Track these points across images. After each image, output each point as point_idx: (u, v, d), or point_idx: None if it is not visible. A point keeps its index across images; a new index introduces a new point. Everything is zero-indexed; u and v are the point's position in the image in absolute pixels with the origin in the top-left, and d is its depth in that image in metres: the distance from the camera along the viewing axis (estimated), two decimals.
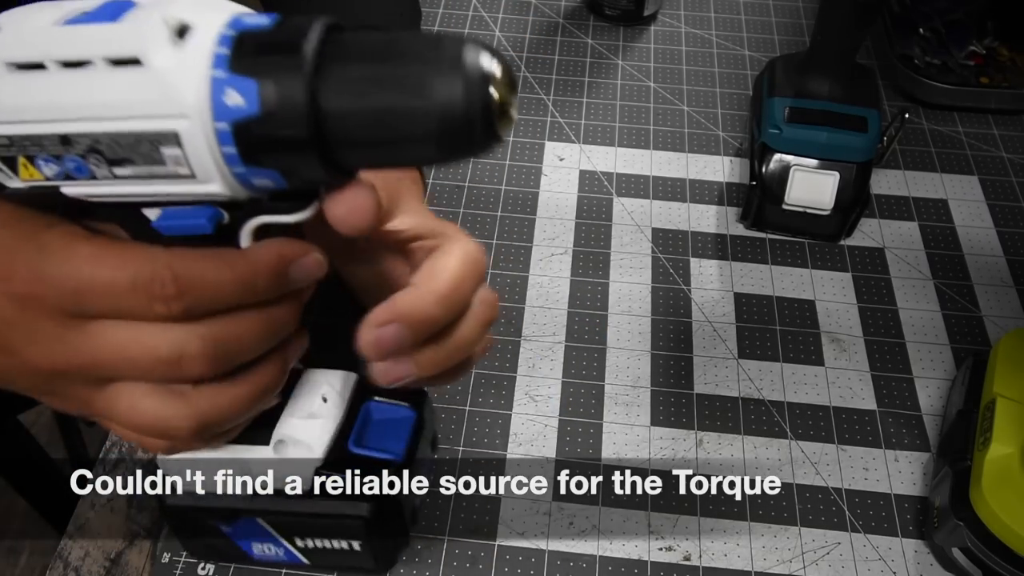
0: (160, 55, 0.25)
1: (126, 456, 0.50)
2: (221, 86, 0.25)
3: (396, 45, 0.26)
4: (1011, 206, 0.63)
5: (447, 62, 0.25)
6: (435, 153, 0.26)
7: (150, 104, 0.25)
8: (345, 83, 0.25)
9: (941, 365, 0.54)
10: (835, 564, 0.46)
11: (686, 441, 0.50)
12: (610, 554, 0.46)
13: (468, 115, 0.25)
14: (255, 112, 0.25)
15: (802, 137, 0.57)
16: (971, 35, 0.71)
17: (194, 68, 0.25)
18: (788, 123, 0.57)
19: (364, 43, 0.26)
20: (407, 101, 0.25)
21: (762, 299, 0.57)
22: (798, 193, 0.57)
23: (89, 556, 0.46)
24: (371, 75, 0.25)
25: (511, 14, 0.78)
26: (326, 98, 0.25)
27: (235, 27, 0.26)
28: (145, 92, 0.25)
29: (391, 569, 0.45)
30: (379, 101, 0.25)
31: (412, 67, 0.25)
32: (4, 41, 0.26)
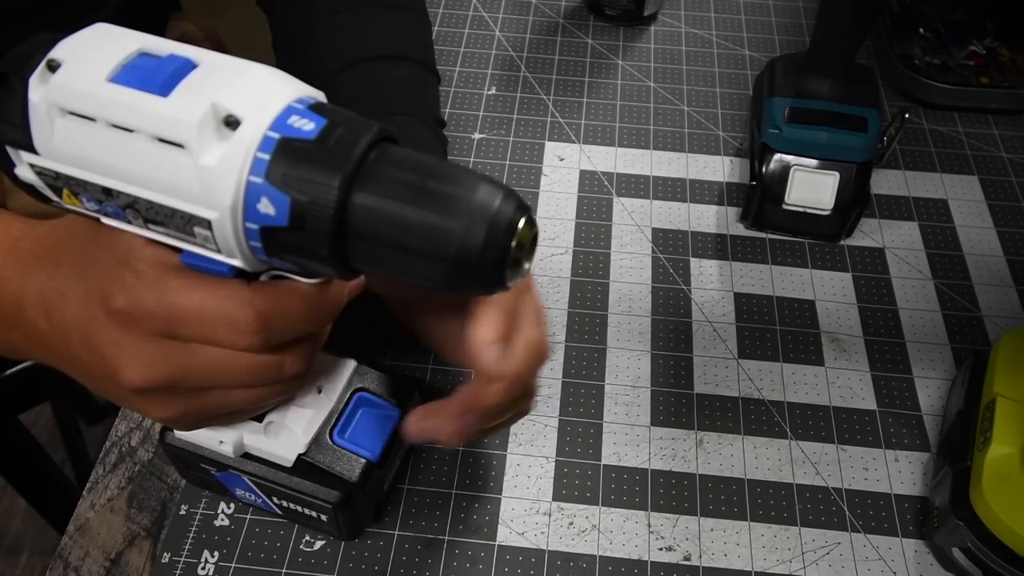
0: (205, 151, 0.26)
1: (126, 456, 0.50)
2: (257, 193, 0.26)
3: (439, 169, 0.27)
4: (1011, 206, 0.63)
5: (479, 204, 0.26)
6: (442, 278, 0.27)
7: (188, 192, 0.27)
8: (380, 185, 0.26)
9: (941, 365, 0.54)
10: (835, 564, 0.46)
11: (686, 441, 0.50)
12: (610, 554, 0.46)
13: (482, 259, 0.26)
14: (284, 223, 0.26)
15: (802, 137, 0.57)
16: (971, 35, 0.71)
17: (234, 170, 0.26)
18: (788, 123, 0.57)
19: (408, 158, 0.27)
20: (433, 220, 0.26)
21: (762, 299, 0.57)
22: (798, 193, 0.57)
23: (89, 556, 0.46)
24: (407, 185, 0.26)
25: (511, 14, 0.78)
26: (357, 196, 0.26)
27: (280, 130, 0.26)
28: (185, 181, 0.27)
29: (359, 537, 0.46)
30: (407, 213, 0.26)
31: (447, 192, 0.26)
32: (61, 85, 0.27)
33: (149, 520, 0.47)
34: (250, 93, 0.27)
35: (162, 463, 0.49)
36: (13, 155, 0.29)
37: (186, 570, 0.45)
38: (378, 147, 0.27)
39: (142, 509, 0.48)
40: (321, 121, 0.27)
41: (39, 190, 0.30)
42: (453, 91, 0.71)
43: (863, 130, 0.56)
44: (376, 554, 0.46)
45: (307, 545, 0.46)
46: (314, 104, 0.28)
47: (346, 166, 0.26)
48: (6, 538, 1.24)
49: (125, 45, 0.28)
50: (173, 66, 0.27)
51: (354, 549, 0.46)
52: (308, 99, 0.28)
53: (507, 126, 0.68)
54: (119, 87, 0.27)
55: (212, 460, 0.42)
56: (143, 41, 0.28)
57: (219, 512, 0.47)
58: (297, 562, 0.45)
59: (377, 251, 0.27)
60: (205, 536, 0.46)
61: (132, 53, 0.28)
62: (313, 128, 0.26)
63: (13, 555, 1.23)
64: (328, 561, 0.45)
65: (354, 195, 0.26)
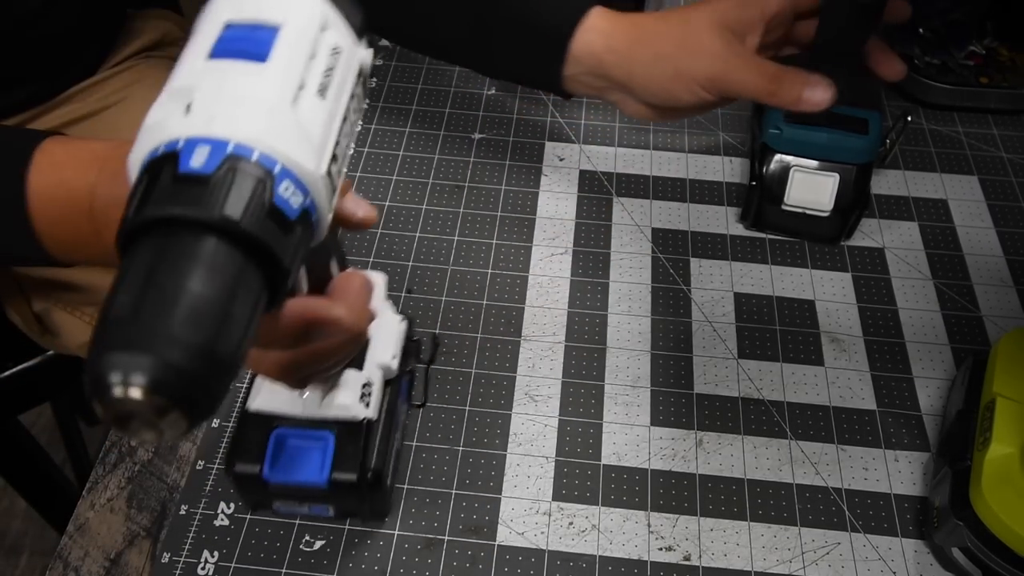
0: (156, 109, 0.28)
1: (126, 456, 0.50)
2: (139, 168, 0.27)
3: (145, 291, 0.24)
4: (1011, 206, 0.63)
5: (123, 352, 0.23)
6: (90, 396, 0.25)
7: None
8: (130, 258, 0.25)
9: (941, 365, 0.54)
10: (835, 564, 0.46)
11: (686, 441, 0.50)
12: (610, 554, 0.46)
13: (102, 393, 0.23)
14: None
15: (802, 138, 0.57)
16: (971, 35, 0.71)
17: (147, 143, 0.27)
18: (788, 124, 0.57)
19: (153, 257, 0.24)
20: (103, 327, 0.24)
21: (762, 299, 0.57)
22: (798, 194, 0.57)
23: (89, 556, 0.46)
24: (130, 278, 0.24)
25: None
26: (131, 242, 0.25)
27: (187, 146, 0.26)
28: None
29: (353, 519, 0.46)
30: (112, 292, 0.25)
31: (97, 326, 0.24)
32: (213, 4, 0.28)
33: (149, 520, 0.47)
34: (225, 106, 0.27)
35: (162, 463, 0.49)
36: None
37: (186, 570, 0.45)
38: (193, 230, 0.25)
39: (142, 509, 0.48)
40: (209, 169, 0.25)
41: None
42: (453, 91, 0.71)
43: (864, 132, 0.56)
44: (376, 554, 0.46)
45: (307, 545, 0.46)
46: (241, 159, 0.26)
47: (143, 212, 0.25)
48: (6, 538, 1.24)
49: (272, 13, 0.28)
50: (251, 48, 0.27)
51: (354, 549, 0.46)
52: (254, 152, 0.26)
53: (507, 126, 0.68)
54: (215, 30, 0.28)
55: (269, 417, 0.44)
56: (290, 19, 0.28)
57: (219, 512, 0.47)
58: (297, 562, 0.45)
59: None
60: (205, 536, 0.46)
61: (264, 20, 0.28)
62: (197, 166, 0.25)
63: (13, 555, 1.23)
64: (328, 561, 0.45)
65: (135, 238, 0.25)
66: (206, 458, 0.49)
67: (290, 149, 0.26)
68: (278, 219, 0.26)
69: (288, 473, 0.43)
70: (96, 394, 0.23)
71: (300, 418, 0.43)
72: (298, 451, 0.43)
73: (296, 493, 0.44)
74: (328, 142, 0.29)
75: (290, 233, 0.26)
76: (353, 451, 0.43)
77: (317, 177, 0.27)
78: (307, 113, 0.28)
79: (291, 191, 0.26)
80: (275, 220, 0.26)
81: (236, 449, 0.43)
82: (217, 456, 0.49)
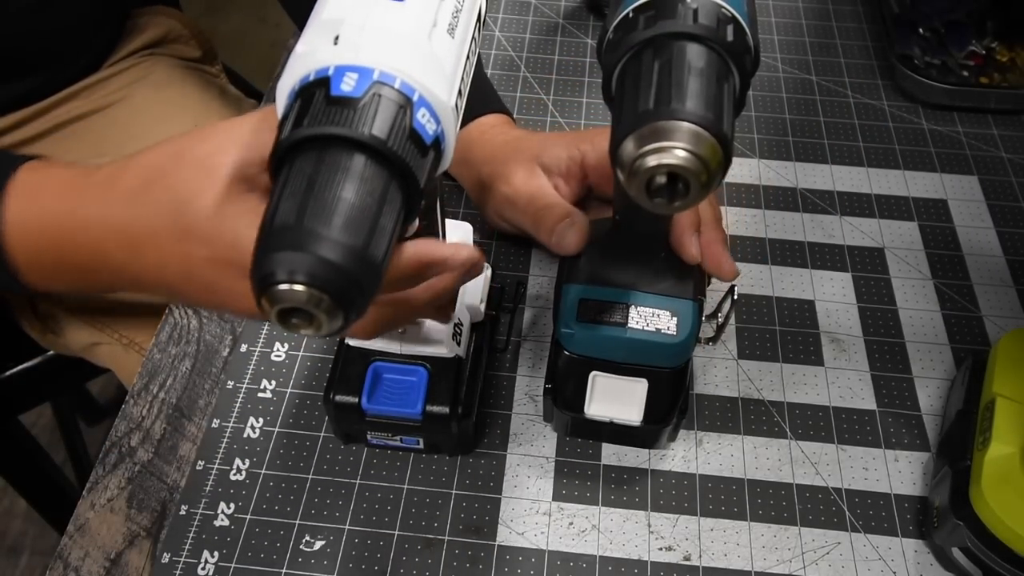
0: (304, 40, 0.30)
1: (126, 456, 0.50)
2: (289, 94, 0.30)
3: (311, 194, 0.27)
4: (1011, 206, 0.63)
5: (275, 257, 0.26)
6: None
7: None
8: (291, 171, 0.28)
9: (941, 365, 0.54)
10: (835, 564, 0.46)
11: (686, 441, 0.50)
12: (610, 554, 0.46)
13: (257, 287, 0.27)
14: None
15: (600, 337, 0.44)
16: (971, 35, 0.71)
17: (299, 70, 0.30)
18: (580, 321, 0.44)
19: (310, 168, 0.27)
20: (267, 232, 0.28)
21: (762, 299, 0.57)
22: (600, 404, 0.47)
23: (89, 556, 0.46)
24: (292, 188, 0.27)
25: (511, 14, 0.78)
26: (288, 160, 0.28)
27: (336, 72, 0.29)
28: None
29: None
30: (278, 203, 0.28)
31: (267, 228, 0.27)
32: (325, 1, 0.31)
33: (149, 520, 0.47)
34: (371, 36, 0.29)
35: (162, 463, 0.49)
36: None
37: (186, 570, 0.45)
38: (343, 146, 0.28)
39: (142, 509, 0.48)
40: (357, 93, 0.28)
41: None
42: None
43: (672, 332, 0.44)
44: (376, 554, 0.46)
45: (307, 545, 0.46)
46: (385, 85, 0.29)
47: (296, 132, 0.27)
48: (6, 538, 1.24)
49: None
50: None
51: (354, 549, 0.46)
52: (395, 78, 0.29)
53: None
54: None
55: (366, 352, 0.46)
56: None
57: (219, 512, 0.47)
58: (297, 562, 0.45)
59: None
60: (205, 536, 0.46)
61: None
62: (347, 90, 0.28)
63: (13, 555, 1.23)
64: (328, 561, 0.45)
65: (292, 154, 0.28)
66: (206, 458, 0.49)
67: (427, 79, 0.29)
68: (416, 141, 0.29)
69: (385, 404, 0.46)
70: (263, 290, 0.26)
71: (396, 354, 0.46)
72: (394, 384, 0.46)
73: (391, 424, 0.46)
74: (456, 77, 0.31)
75: (425, 156, 0.29)
76: (445, 386, 0.46)
77: (448, 107, 0.30)
78: (439, 49, 0.30)
79: (427, 118, 0.29)
80: (414, 142, 0.28)
81: (336, 381, 0.46)
82: (217, 456, 0.49)
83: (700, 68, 0.29)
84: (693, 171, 0.28)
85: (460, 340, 0.47)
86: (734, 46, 0.30)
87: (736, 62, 0.31)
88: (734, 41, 0.30)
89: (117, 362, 0.74)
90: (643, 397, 0.46)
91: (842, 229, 0.61)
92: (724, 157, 0.29)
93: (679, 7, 0.30)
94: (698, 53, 0.30)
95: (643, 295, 0.44)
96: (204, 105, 0.80)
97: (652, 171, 0.29)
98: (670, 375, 0.45)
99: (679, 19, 0.30)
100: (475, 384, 0.48)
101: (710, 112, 0.28)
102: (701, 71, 0.29)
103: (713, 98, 0.29)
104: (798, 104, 0.70)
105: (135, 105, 0.78)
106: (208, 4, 2.02)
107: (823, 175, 0.65)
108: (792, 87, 0.72)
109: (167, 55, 0.83)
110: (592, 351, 0.45)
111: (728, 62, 0.30)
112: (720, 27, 0.30)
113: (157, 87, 0.79)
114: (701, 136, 0.28)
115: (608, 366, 0.45)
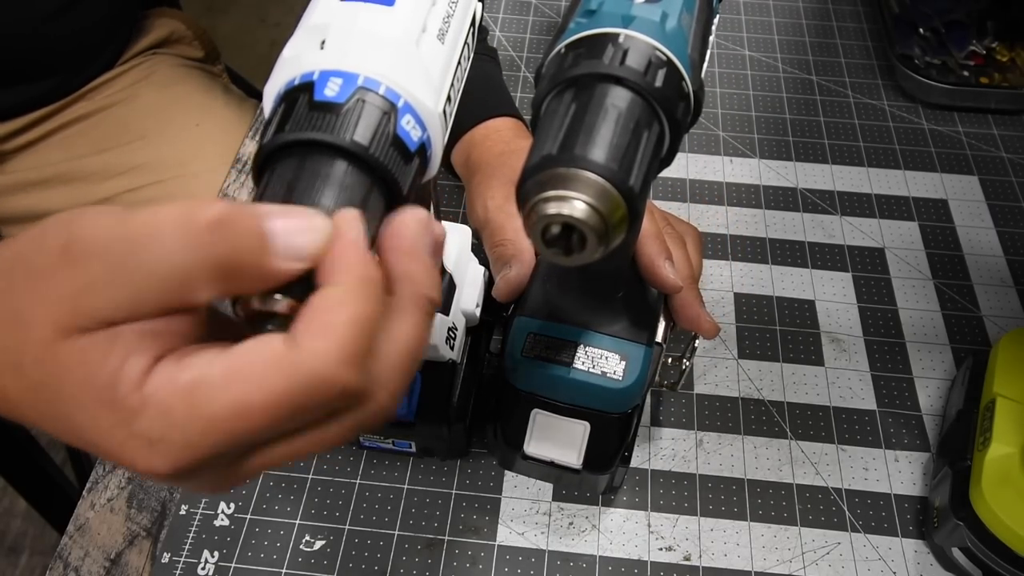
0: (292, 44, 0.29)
1: None
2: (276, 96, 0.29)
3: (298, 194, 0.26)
4: (1011, 206, 0.63)
5: None
6: None
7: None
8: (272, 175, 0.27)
9: (941, 365, 0.54)
10: (835, 564, 0.46)
11: (686, 441, 0.50)
12: (610, 554, 0.46)
13: None
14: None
15: (544, 375, 0.42)
16: (971, 35, 0.71)
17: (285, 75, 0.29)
18: (526, 356, 0.43)
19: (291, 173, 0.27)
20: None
21: (762, 299, 0.57)
22: (540, 443, 0.45)
23: (89, 556, 0.46)
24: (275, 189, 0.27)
25: (511, 14, 0.78)
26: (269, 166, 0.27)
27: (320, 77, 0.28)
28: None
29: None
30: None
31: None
32: (314, 6, 0.30)
33: (149, 520, 0.47)
34: (356, 42, 0.28)
35: None
36: None
37: (186, 570, 0.45)
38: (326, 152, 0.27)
39: (142, 509, 0.48)
40: (341, 99, 0.27)
41: None
42: None
43: (618, 377, 0.42)
44: (376, 554, 0.46)
45: (307, 545, 0.46)
46: (369, 91, 0.28)
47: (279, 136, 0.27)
48: (6, 538, 1.24)
49: None
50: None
51: (354, 549, 0.46)
52: (380, 84, 0.28)
53: None
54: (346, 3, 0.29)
55: None
56: None
57: (219, 512, 0.47)
58: (297, 562, 0.45)
59: None
60: (205, 536, 0.46)
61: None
62: (331, 96, 0.27)
63: (13, 555, 1.23)
64: (328, 561, 0.45)
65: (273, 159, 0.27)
66: None
67: (412, 86, 0.28)
68: (400, 148, 0.28)
69: None
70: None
71: None
72: None
73: (383, 426, 0.45)
74: (445, 84, 0.31)
75: (409, 163, 0.28)
76: (438, 390, 0.45)
77: (435, 114, 0.29)
78: (428, 54, 0.30)
79: (411, 124, 0.28)
80: (397, 149, 0.28)
81: None
82: None
83: (616, 115, 0.27)
84: (590, 225, 0.26)
85: (454, 344, 0.46)
86: (664, 92, 0.28)
87: (665, 108, 0.28)
88: (663, 87, 0.28)
89: None
90: (584, 440, 0.44)
91: (842, 229, 0.61)
92: (628, 212, 0.27)
93: (608, 47, 0.28)
94: (620, 97, 0.28)
95: (594, 335, 0.42)
96: (207, 104, 0.81)
97: (548, 219, 0.27)
98: (615, 420, 0.43)
99: (604, 60, 0.28)
100: (469, 388, 0.47)
101: (614, 163, 0.26)
102: (616, 118, 0.27)
103: (624, 148, 0.27)
104: (798, 104, 0.70)
105: (139, 105, 0.78)
106: (208, 4, 2.02)
107: (823, 175, 0.65)
108: (792, 87, 0.72)
109: (171, 55, 0.84)
110: (535, 387, 0.43)
111: (656, 109, 0.28)
112: (649, 71, 0.28)
113: (161, 87, 0.80)
114: (603, 189, 0.26)
115: (551, 405, 0.43)
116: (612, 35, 0.29)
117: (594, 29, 0.29)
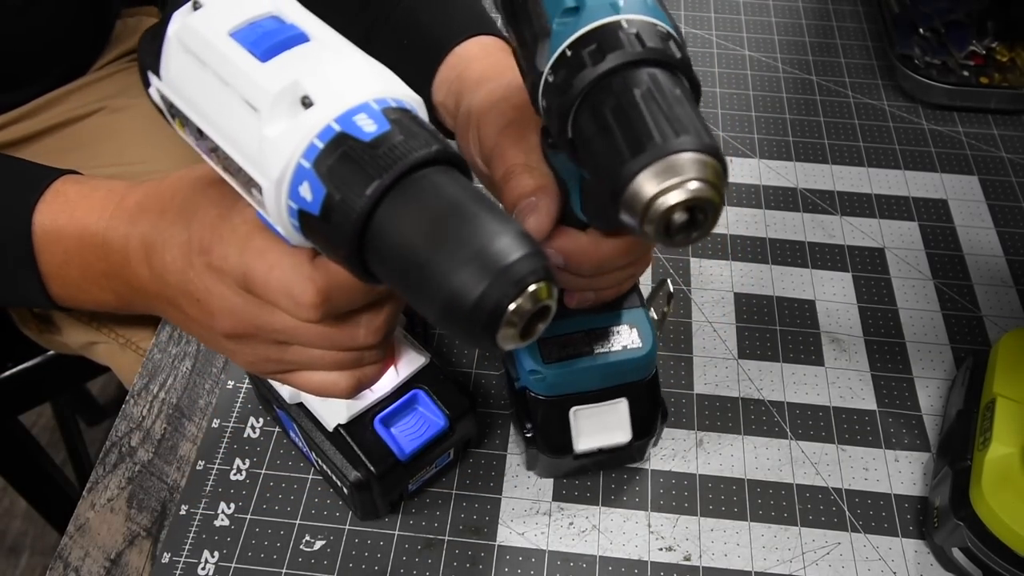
0: (272, 121, 0.27)
1: (126, 456, 0.50)
2: (302, 176, 0.27)
3: (469, 209, 0.26)
4: (1011, 206, 0.63)
5: (489, 256, 0.25)
6: (435, 317, 0.27)
7: (251, 155, 0.28)
8: (407, 207, 0.26)
9: (941, 365, 0.54)
10: (835, 564, 0.46)
11: (686, 441, 0.50)
12: (610, 554, 0.46)
13: (473, 313, 0.25)
14: (316, 212, 0.27)
15: (572, 372, 0.43)
16: (971, 35, 0.71)
17: (288, 147, 0.27)
18: (547, 362, 0.43)
19: (448, 188, 0.26)
20: (436, 260, 0.25)
21: (762, 299, 0.57)
22: (588, 437, 0.45)
23: (89, 556, 0.46)
24: (431, 215, 0.26)
25: None
26: (382, 210, 0.26)
27: (343, 124, 0.27)
28: (251, 144, 0.28)
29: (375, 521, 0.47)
30: (418, 243, 0.26)
31: (462, 235, 0.25)
32: (190, 26, 0.29)
33: (149, 520, 0.47)
34: (336, 80, 0.28)
35: (162, 463, 0.49)
36: (151, 75, 0.31)
37: (186, 570, 0.45)
38: (430, 168, 0.27)
39: (142, 509, 0.48)
40: (385, 126, 0.27)
41: (163, 112, 0.32)
42: None
43: (637, 345, 0.43)
44: (376, 554, 0.46)
45: (307, 545, 0.46)
46: (389, 108, 0.28)
47: (383, 177, 0.26)
48: (6, 538, 1.24)
49: (261, 4, 0.29)
50: (287, 35, 0.28)
51: (354, 549, 0.46)
52: (388, 101, 0.28)
53: None
54: (233, 42, 0.28)
55: (277, 396, 0.46)
56: (278, 4, 0.30)
57: (219, 512, 0.47)
58: (297, 562, 0.45)
59: (388, 270, 0.27)
60: (205, 536, 0.46)
61: (262, 13, 0.29)
62: (374, 131, 0.27)
63: (13, 555, 1.23)
64: (328, 561, 0.45)
65: (380, 208, 0.26)
66: (206, 458, 0.49)
67: (403, 89, 0.29)
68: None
69: (414, 439, 0.44)
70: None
71: (385, 395, 0.44)
72: (405, 422, 0.44)
73: (426, 453, 0.44)
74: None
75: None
76: (444, 388, 0.45)
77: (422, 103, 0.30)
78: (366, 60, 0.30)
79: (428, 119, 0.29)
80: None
81: (356, 459, 0.43)
82: (217, 456, 0.49)
83: (671, 93, 0.28)
84: (710, 199, 0.27)
85: (417, 343, 0.45)
86: (683, 60, 0.29)
87: (687, 75, 0.30)
88: (681, 57, 0.29)
89: (115, 361, 0.74)
90: (627, 416, 0.45)
91: (842, 229, 0.61)
92: (725, 175, 0.28)
93: (620, 35, 0.29)
94: (660, 76, 0.29)
95: (594, 316, 0.43)
96: None
97: (672, 209, 0.27)
98: (647, 385, 0.45)
99: (627, 47, 0.29)
100: (452, 374, 0.46)
101: (706, 136, 0.27)
102: (676, 96, 0.28)
103: (696, 118, 0.28)
104: (798, 104, 0.70)
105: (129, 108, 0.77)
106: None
107: (823, 175, 0.65)
108: (792, 87, 0.72)
109: None
110: (566, 388, 0.44)
111: (680, 77, 0.29)
112: (665, 45, 0.29)
113: (140, 96, 0.78)
114: (707, 162, 0.27)
115: (585, 397, 0.44)
116: (614, 23, 0.29)
117: (591, 23, 0.29)
